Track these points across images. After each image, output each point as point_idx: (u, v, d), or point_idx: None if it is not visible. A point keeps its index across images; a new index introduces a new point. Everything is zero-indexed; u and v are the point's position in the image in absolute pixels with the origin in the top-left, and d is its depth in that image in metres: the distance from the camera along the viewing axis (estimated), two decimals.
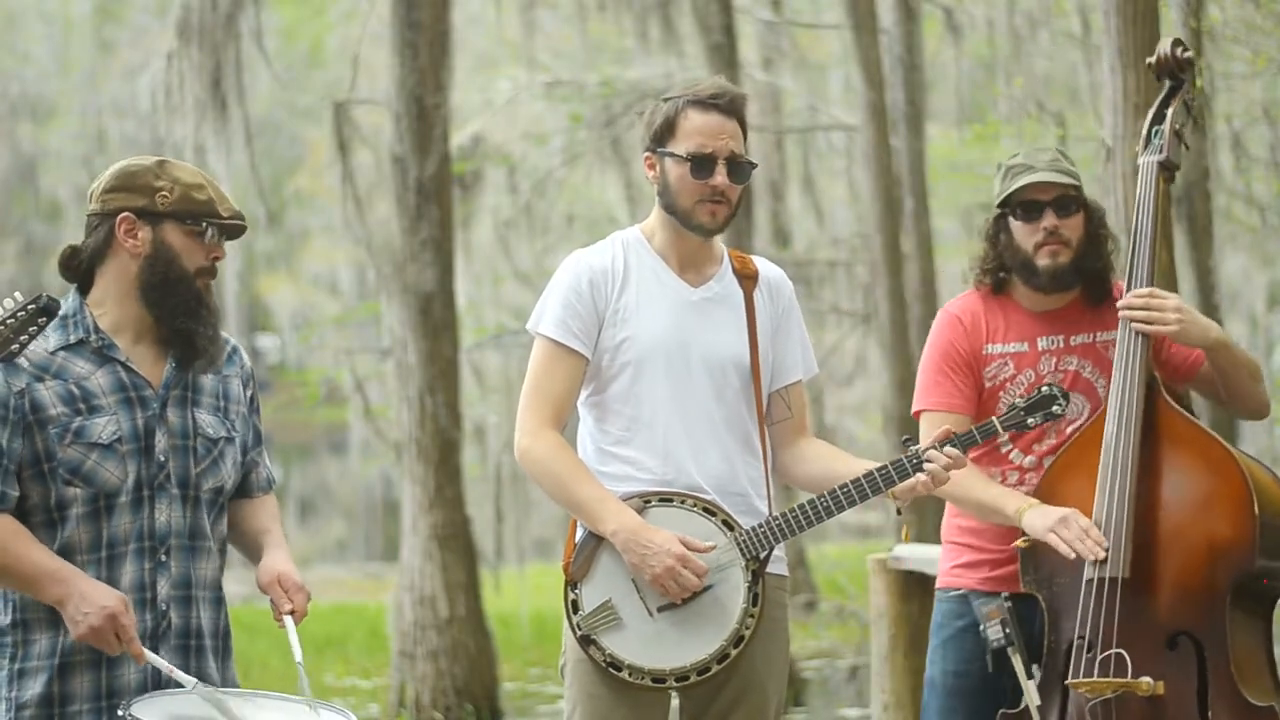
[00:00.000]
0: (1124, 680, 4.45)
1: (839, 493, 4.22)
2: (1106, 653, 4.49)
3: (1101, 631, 4.50)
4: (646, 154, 4.36)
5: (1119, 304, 4.71)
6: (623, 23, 14.67)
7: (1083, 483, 4.62)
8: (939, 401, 4.79)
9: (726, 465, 4.28)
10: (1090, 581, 4.53)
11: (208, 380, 3.96)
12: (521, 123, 15.90)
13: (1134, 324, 4.64)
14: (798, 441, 4.45)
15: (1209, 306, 12.26)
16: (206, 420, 3.93)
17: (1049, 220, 4.74)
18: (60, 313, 3.84)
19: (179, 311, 3.86)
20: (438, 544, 11.45)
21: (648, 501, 4.22)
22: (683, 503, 4.22)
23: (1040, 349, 4.80)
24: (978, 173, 17.80)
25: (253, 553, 4.05)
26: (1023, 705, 4.67)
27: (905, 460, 4.22)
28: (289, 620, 3.86)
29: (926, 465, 4.19)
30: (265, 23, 13.60)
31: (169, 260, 3.86)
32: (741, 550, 4.21)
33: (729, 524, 4.22)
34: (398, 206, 11.63)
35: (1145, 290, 4.68)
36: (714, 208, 4.27)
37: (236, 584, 11.21)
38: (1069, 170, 4.82)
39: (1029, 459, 4.78)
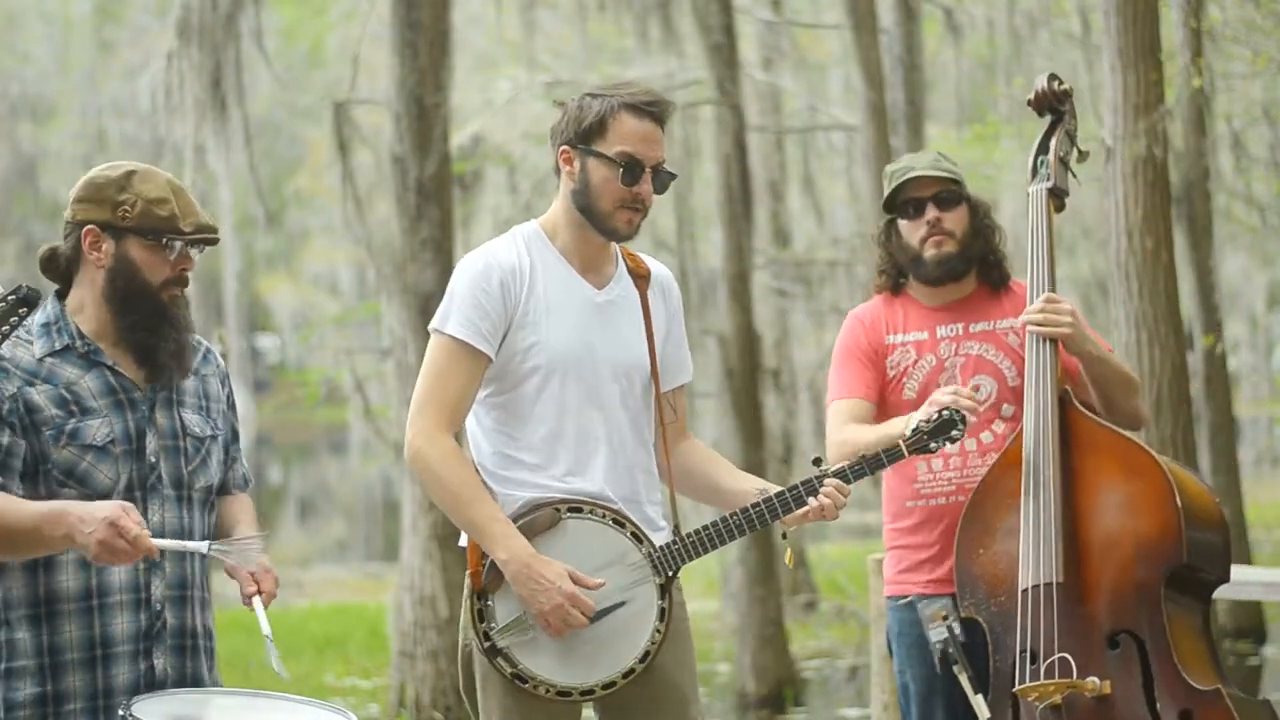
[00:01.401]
0: (1070, 681, 4.50)
1: (751, 513, 4.21)
2: (1050, 659, 4.54)
3: (1043, 638, 4.56)
4: (565, 148, 4.23)
5: (1023, 317, 4.82)
6: (623, 23, 14.66)
7: (1008, 500, 4.71)
8: (843, 392, 4.93)
9: (628, 474, 4.23)
10: (1026, 591, 4.60)
11: (188, 381, 3.97)
12: (521, 123, 15.90)
13: (1032, 328, 4.77)
14: (679, 445, 4.42)
15: (1209, 306, 12.27)
16: (193, 420, 3.95)
17: (931, 214, 4.93)
18: (40, 320, 3.86)
19: (139, 325, 3.87)
20: (438, 544, 11.45)
21: (559, 510, 4.14)
22: (593, 512, 4.16)
23: (939, 336, 4.96)
24: (978, 173, 17.80)
25: None
26: None
27: (806, 484, 4.22)
28: (257, 601, 3.84)
29: (820, 496, 4.20)
30: (265, 23, 13.60)
31: (131, 274, 3.86)
32: (655, 568, 4.17)
33: (639, 536, 4.18)
34: (398, 206, 11.62)
35: (1043, 296, 4.81)
36: (632, 215, 4.20)
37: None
38: (948, 168, 5.00)
39: (968, 440, 4.84)
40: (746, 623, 12.78)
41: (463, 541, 4.22)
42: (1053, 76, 5.06)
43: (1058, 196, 4.97)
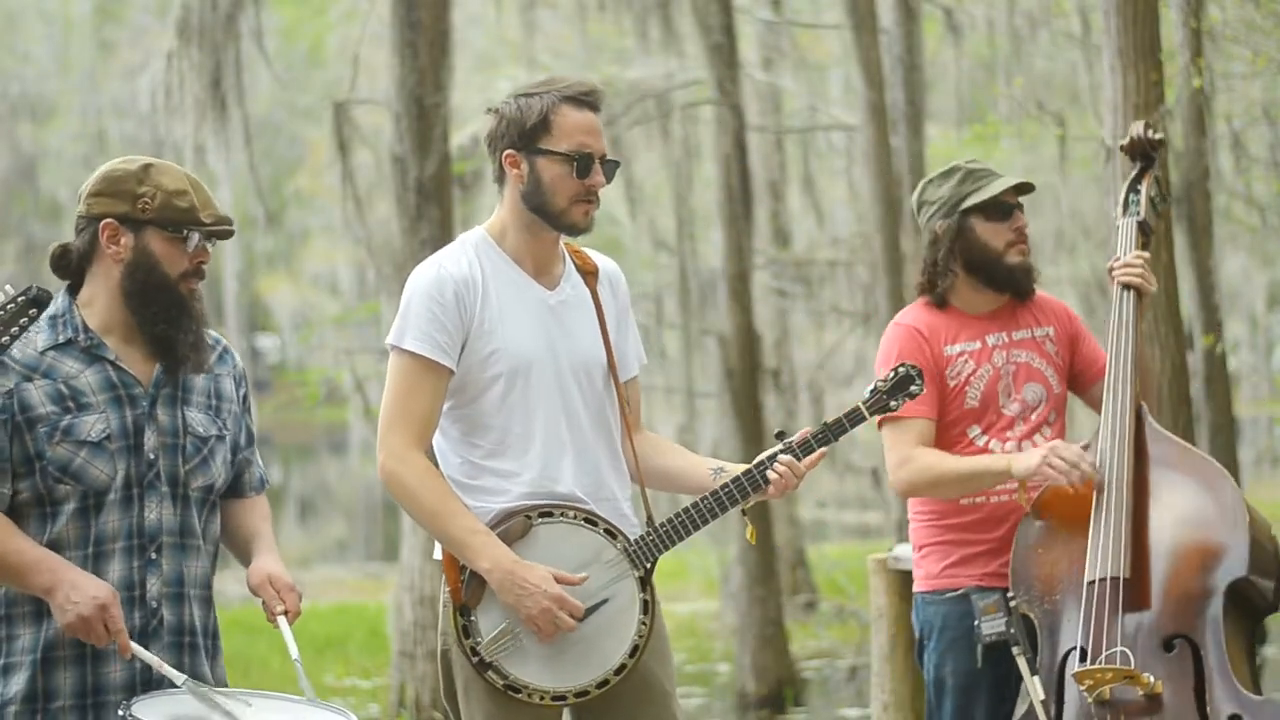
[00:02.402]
0: (1128, 670, 4.54)
1: (721, 494, 4.21)
2: (1109, 650, 4.58)
3: (1106, 632, 4.60)
4: (510, 152, 4.19)
5: (1116, 268, 4.92)
6: (623, 23, 14.66)
7: (1077, 503, 4.74)
8: (903, 408, 4.78)
9: (597, 474, 4.22)
10: (1092, 583, 4.64)
11: (199, 379, 3.96)
12: None
13: (1122, 275, 4.90)
14: (634, 437, 4.41)
15: (1209, 306, 12.26)
16: (197, 419, 3.93)
17: (1019, 220, 4.96)
18: (49, 312, 3.86)
19: (159, 318, 3.86)
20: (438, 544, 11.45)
21: (529, 518, 4.13)
22: (564, 514, 4.15)
23: (990, 344, 4.96)
24: None
25: (243, 555, 4.05)
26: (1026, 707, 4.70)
27: (771, 460, 4.23)
28: (283, 620, 3.86)
29: (770, 474, 4.21)
30: (265, 23, 13.60)
31: (150, 267, 3.86)
32: (632, 562, 4.17)
33: (612, 533, 4.18)
34: (398, 206, 11.62)
35: (1134, 253, 4.95)
36: (588, 207, 4.19)
37: (237, 584, 11.21)
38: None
39: (1008, 445, 4.90)
40: (746, 623, 12.78)
41: (437, 554, 4.21)
42: (1149, 124, 5.15)
43: (1145, 233, 5.04)
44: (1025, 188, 4.98)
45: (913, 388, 4.38)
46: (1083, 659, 4.62)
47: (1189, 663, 4.59)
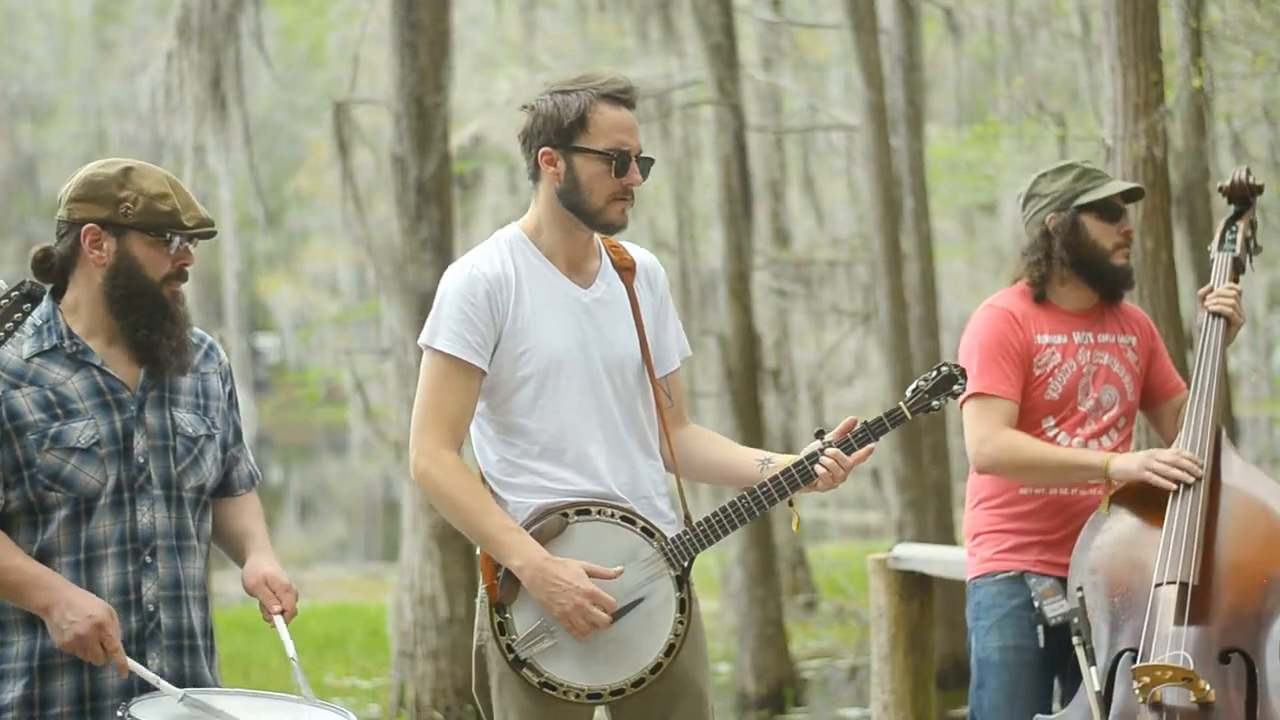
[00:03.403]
0: (1188, 671, 4.56)
1: (759, 493, 4.18)
2: (1169, 653, 4.62)
3: (1169, 635, 4.64)
4: (546, 149, 4.17)
5: (1209, 299, 5.00)
6: (623, 23, 14.68)
7: (1153, 506, 4.81)
8: (994, 389, 4.93)
9: (632, 471, 4.21)
10: (1159, 585, 4.69)
11: (186, 379, 3.95)
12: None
13: (1226, 306, 5.00)
14: (678, 430, 4.39)
15: None
16: (185, 419, 3.92)
17: (1128, 224, 5.07)
18: (33, 320, 3.84)
19: (141, 324, 3.85)
20: (438, 544, 11.45)
21: (566, 515, 4.13)
22: (601, 512, 4.14)
23: (1077, 342, 5.04)
24: (978, 173, 17.80)
25: (236, 554, 4.04)
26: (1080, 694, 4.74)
27: (811, 459, 4.19)
28: (279, 620, 3.86)
29: (817, 468, 4.18)
30: (265, 23, 13.60)
31: (133, 272, 3.85)
32: (669, 560, 4.16)
33: (649, 531, 4.17)
34: (398, 206, 11.63)
35: (1228, 284, 5.06)
36: (624, 205, 4.18)
37: (236, 584, 11.21)
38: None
39: (1075, 440, 4.98)
40: (746, 623, 12.78)
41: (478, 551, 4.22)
42: (1248, 170, 5.24)
43: (1239, 269, 5.14)
44: (1135, 194, 5.11)
45: (955, 387, 4.36)
46: (1136, 659, 4.66)
47: (1243, 677, 4.64)
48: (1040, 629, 4.93)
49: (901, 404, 4.32)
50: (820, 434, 4.25)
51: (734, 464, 4.34)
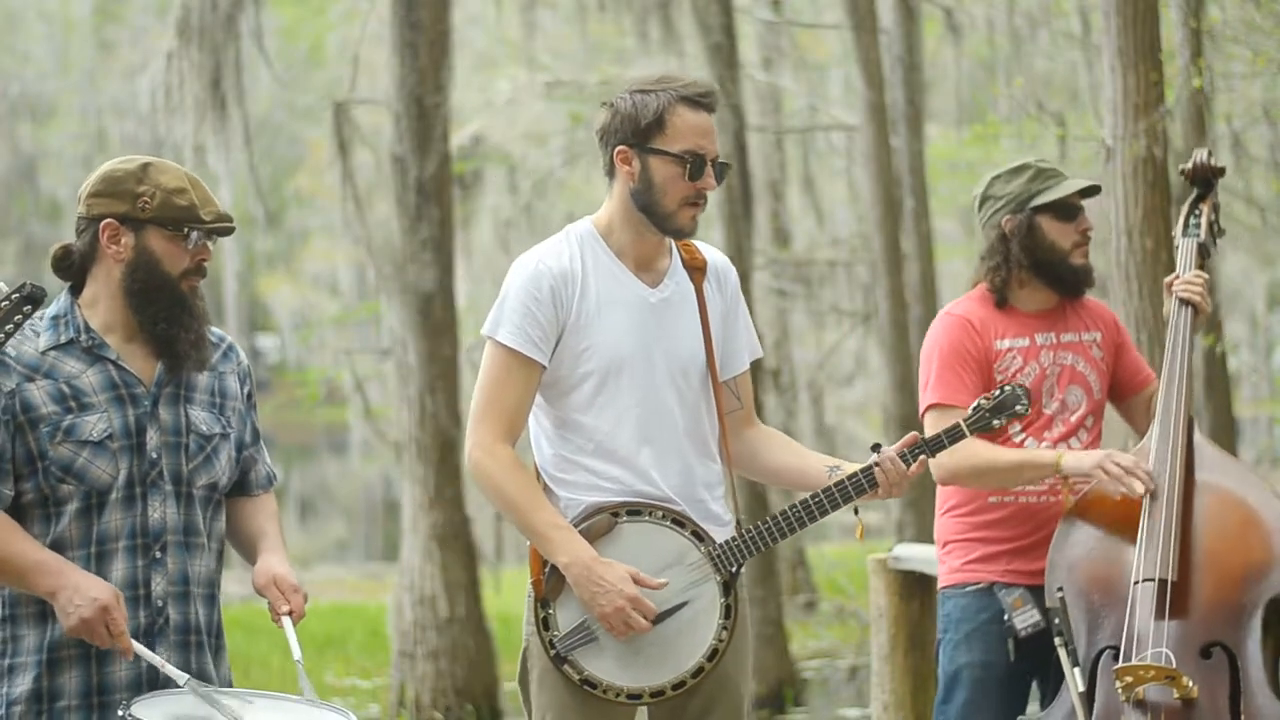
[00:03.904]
0: (1171, 669, 4.55)
1: (811, 503, 4.19)
2: (1151, 650, 4.60)
3: (1150, 632, 4.62)
4: (622, 147, 4.15)
5: (1176, 285, 4.93)
6: (623, 23, 14.67)
7: (1126, 505, 4.77)
8: (952, 399, 4.88)
9: (687, 473, 4.20)
10: (1138, 583, 4.67)
11: (203, 377, 3.96)
12: (521, 123, 15.90)
13: (1193, 294, 4.91)
14: (746, 432, 4.38)
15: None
16: (200, 417, 3.93)
17: (1086, 223, 5.00)
18: (51, 313, 3.87)
19: (160, 317, 3.86)
20: (438, 544, 11.45)
21: (616, 515, 4.12)
22: (651, 514, 4.14)
23: (1039, 344, 4.98)
24: (978, 173, 17.77)
25: (249, 553, 4.05)
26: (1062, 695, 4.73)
27: (866, 473, 4.20)
28: (287, 621, 3.86)
29: (876, 473, 4.18)
30: (265, 23, 13.60)
31: (151, 266, 3.86)
32: (716, 567, 4.16)
33: (699, 535, 4.16)
34: (398, 206, 11.63)
35: (1194, 272, 4.96)
36: (696, 210, 4.16)
37: (237, 584, 11.21)
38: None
39: (1044, 444, 4.93)
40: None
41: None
42: (1210, 153, 5.18)
43: (1204, 255, 5.07)
44: (1092, 191, 5.02)
45: (1018, 407, 4.35)
46: (1118, 658, 4.64)
47: (1225, 672, 4.61)
48: (1010, 642, 4.87)
49: (961, 421, 4.32)
50: (877, 447, 4.26)
51: (799, 469, 4.34)
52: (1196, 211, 5.11)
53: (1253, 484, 4.82)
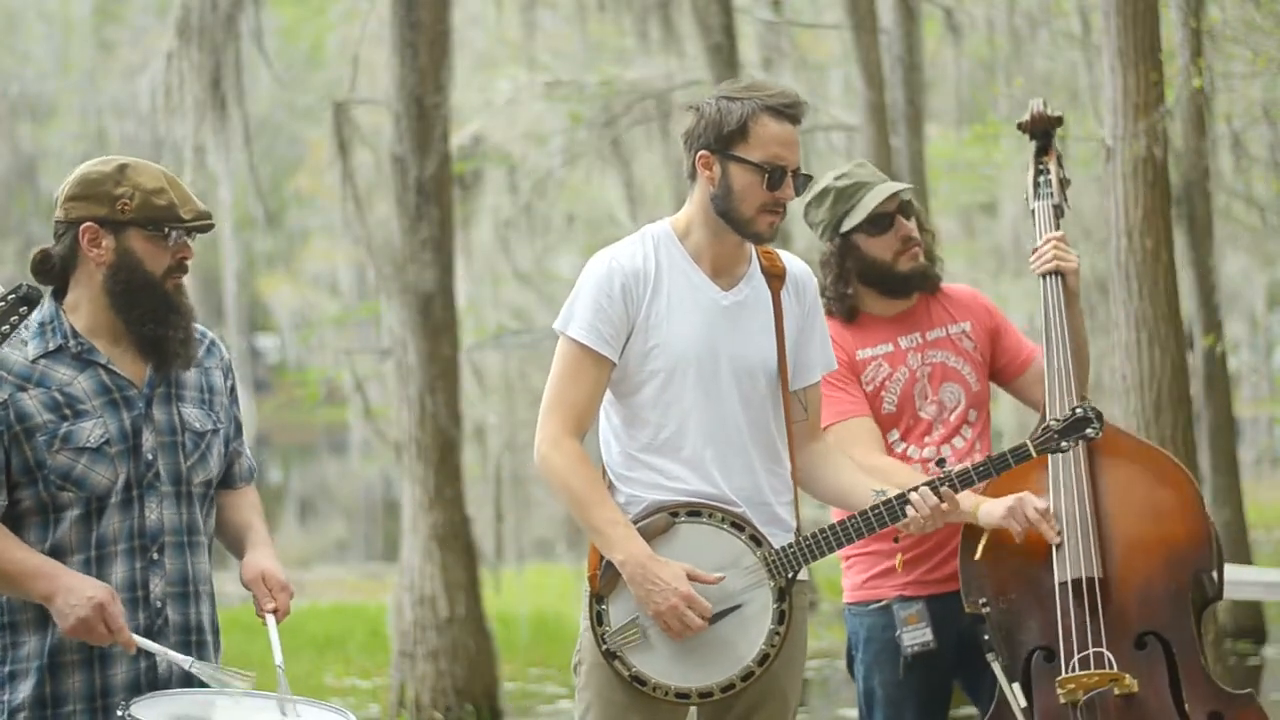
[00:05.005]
0: (1113, 673, 4.53)
1: (870, 515, 4.25)
2: (1085, 652, 4.57)
3: (1076, 634, 4.58)
4: (704, 152, 4.21)
5: (1033, 261, 4.85)
6: (623, 23, 14.66)
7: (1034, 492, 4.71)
8: (847, 412, 4.84)
9: (751, 476, 4.23)
10: (1064, 584, 4.62)
11: (191, 374, 3.96)
12: (521, 123, 15.89)
13: (1042, 266, 4.83)
14: (809, 445, 4.42)
15: (1209, 306, 12.26)
16: (193, 414, 3.93)
17: (904, 228, 4.90)
18: (37, 320, 3.85)
19: (146, 318, 3.86)
20: (438, 544, 11.44)
21: (675, 515, 4.15)
22: (711, 516, 4.16)
23: (904, 347, 4.93)
24: (978, 173, 17.80)
25: (235, 547, 4.05)
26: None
27: (901, 497, 4.24)
28: (270, 619, 3.86)
29: (907, 509, 4.24)
30: (265, 23, 13.59)
31: (134, 267, 3.85)
32: (771, 572, 4.18)
33: (756, 539, 4.18)
34: (398, 206, 11.62)
35: (1048, 235, 4.87)
36: (774, 219, 4.20)
37: (235, 584, 11.20)
38: (898, 182, 4.99)
39: (926, 450, 4.87)
40: None
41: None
42: (1045, 101, 5.11)
43: (1059, 215, 4.99)
44: (900, 192, 4.90)
45: (1088, 430, 4.36)
46: (1051, 659, 4.60)
47: (1160, 661, 4.58)
48: (901, 660, 4.81)
49: (1028, 441, 4.35)
50: (940, 463, 4.32)
51: (848, 491, 4.38)
52: (1043, 169, 5.02)
53: (1158, 459, 4.75)
